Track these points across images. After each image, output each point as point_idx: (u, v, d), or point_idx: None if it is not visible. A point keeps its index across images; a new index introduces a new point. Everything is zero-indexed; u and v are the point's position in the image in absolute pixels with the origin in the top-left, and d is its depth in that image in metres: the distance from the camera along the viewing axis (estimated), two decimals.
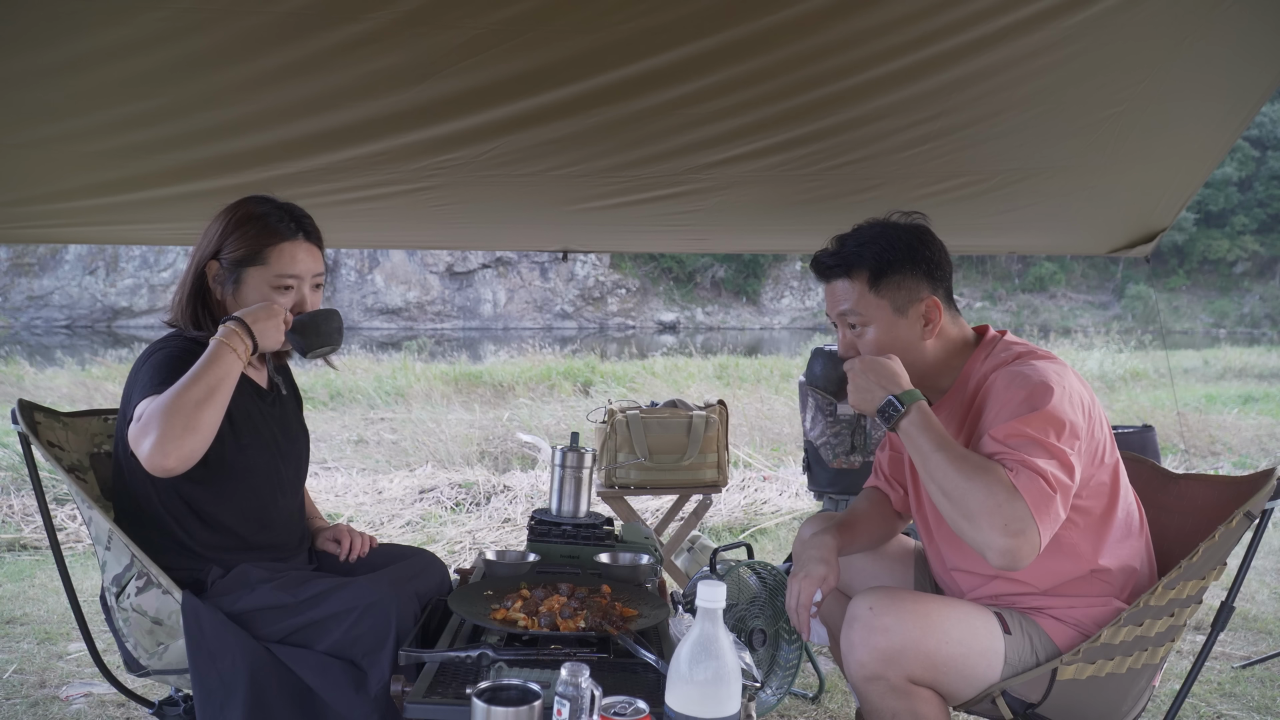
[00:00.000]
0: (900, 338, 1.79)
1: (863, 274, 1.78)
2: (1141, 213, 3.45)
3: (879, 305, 1.78)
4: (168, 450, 1.56)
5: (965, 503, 1.54)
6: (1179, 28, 2.15)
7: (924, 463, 1.62)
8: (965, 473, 1.55)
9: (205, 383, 1.62)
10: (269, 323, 1.74)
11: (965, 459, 1.58)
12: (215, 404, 1.63)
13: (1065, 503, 1.56)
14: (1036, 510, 1.50)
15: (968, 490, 1.53)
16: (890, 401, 1.66)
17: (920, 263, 1.78)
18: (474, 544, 4.69)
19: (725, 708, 1.21)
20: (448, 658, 1.61)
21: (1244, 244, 32.98)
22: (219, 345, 1.67)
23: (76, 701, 2.70)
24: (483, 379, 11.02)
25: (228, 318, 1.72)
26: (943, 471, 1.58)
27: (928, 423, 1.64)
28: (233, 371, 1.67)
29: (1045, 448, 1.56)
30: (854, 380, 1.73)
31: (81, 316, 25.45)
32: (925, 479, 1.63)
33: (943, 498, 1.58)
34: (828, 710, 2.72)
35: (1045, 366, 1.67)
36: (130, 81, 2.06)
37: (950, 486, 1.56)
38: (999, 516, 1.50)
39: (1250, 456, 7.51)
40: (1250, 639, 3.35)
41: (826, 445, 3.58)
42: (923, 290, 1.79)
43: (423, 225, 3.70)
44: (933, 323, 1.79)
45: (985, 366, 1.77)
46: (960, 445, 1.63)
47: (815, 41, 2.05)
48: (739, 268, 31.61)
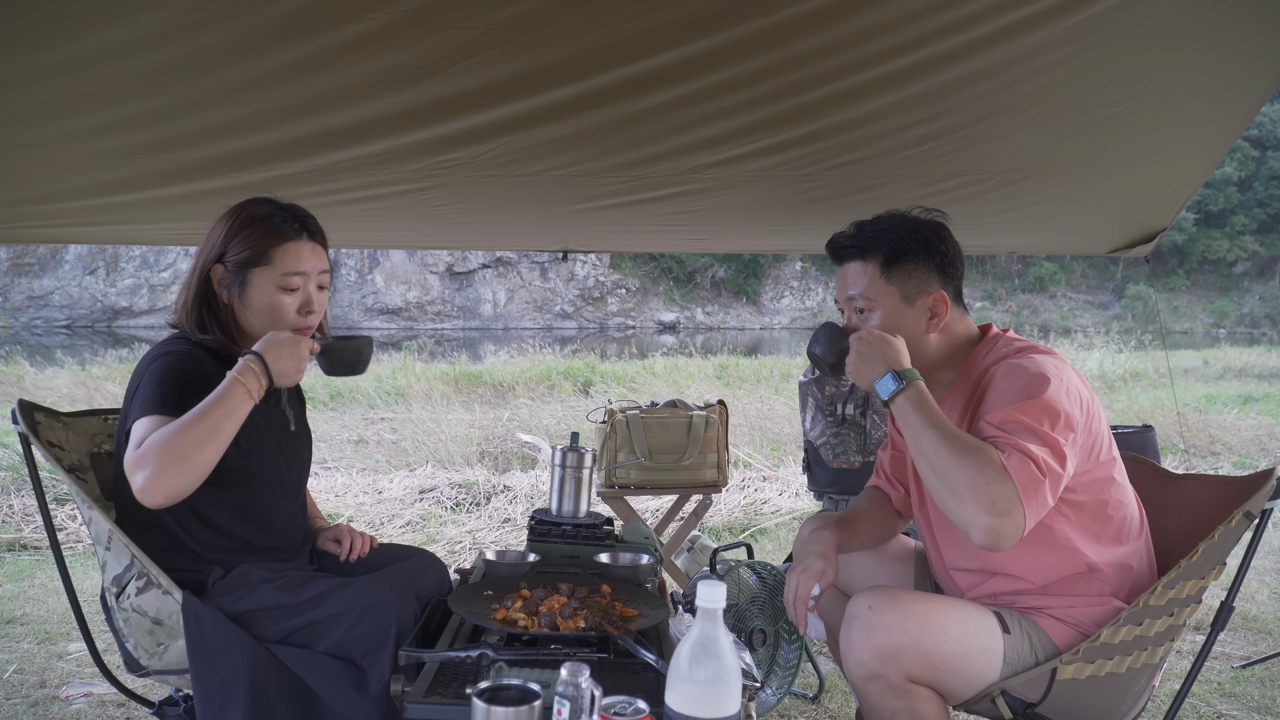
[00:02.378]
0: (904, 327, 1.79)
1: (876, 258, 1.80)
2: (1141, 213, 3.45)
3: (888, 291, 1.80)
4: (158, 489, 1.57)
5: (953, 479, 1.54)
6: (1179, 28, 2.15)
7: (916, 439, 1.62)
8: (956, 451, 1.56)
9: (210, 421, 1.61)
10: (290, 361, 1.71)
11: (957, 438, 1.59)
12: (216, 444, 1.62)
13: (1054, 490, 1.56)
14: (1024, 492, 1.51)
15: (957, 467, 1.54)
16: (890, 375, 1.68)
17: (934, 256, 1.80)
18: (474, 544, 4.69)
19: (725, 708, 1.21)
20: (448, 658, 1.61)
21: (1244, 244, 33.01)
22: (233, 383, 1.65)
23: (76, 701, 2.70)
24: (483, 379, 11.03)
25: (248, 351, 1.70)
26: (934, 448, 1.58)
27: (923, 401, 1.65)
28: (241, 410, 1.65)
29: (1038, 435, 1.57)
30: (857, 350, 1.73)
31: (82, 316, 25.46)
32: (916, 456, 1.63)
33: (932, 474, 1.59)
34: (828, 710, 2.72)
35: (1044, 360, 1.69)
36: (130, 81, 2.06)
37: (940, 463, 1.57)
38: (985, 495, 1.51)
39: (1250, 456, 7.51)
40: (1250, 639, 3.35)
41: (826, 445, 3.58)
42: (933, 283, 1.80)
43: (423, 225, 3.70)
44: (938, 317, 1.80)
45: (987, 360, 1.78)
46: (954, 426, 1.63)
47: (815, 41, 2.05)
48: (739, 268, 31.63)
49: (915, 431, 1.63)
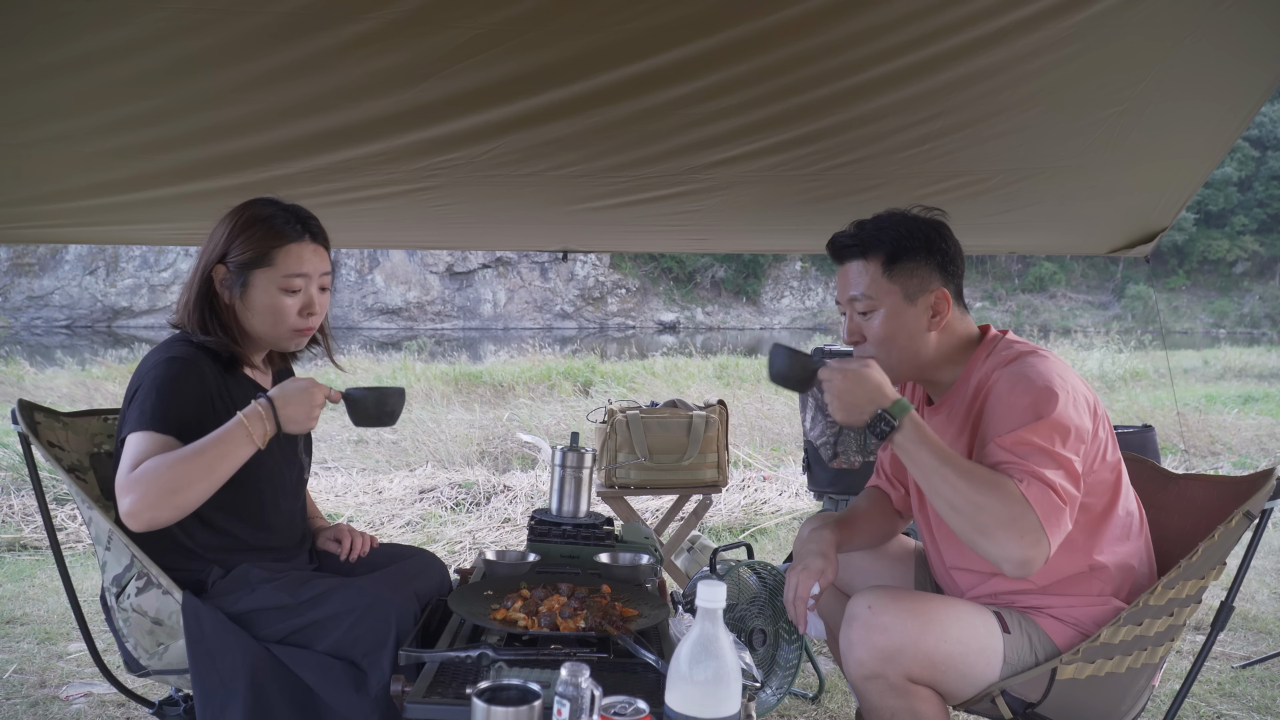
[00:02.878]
0: (906, 325, 1.79)
1: (878, 257, 1.79)
2: (1141, 213, 3.45)
3: (890, 290, 1.79)
4: (141, 517, 1.61)
5: (978, 518, 1.54)
6: (1179, 28, 2.15)
7: (928, 478, 1.60)
8: (976, 486, 1.55)
9: (205, 460, 1.63)
10: (300, 409, 1.71)
11: (972, 472, 1.57)
12: (208, 483, 1.64)
13: (1073, 513, 1.58)
14: (1047, 522, 1.52)
15: (980, 505, 1.54)
16: (881, 415, 1.63)
17: (935, 254, 1.79)
18: (474, 544, 4.69)
19: (725, 708, 1.21)
20: (448, 658, 1.61)
21: (1244, 244, 33.00)
22: (237, 426, 1.66)
23: (76, 701, 2.70)
24: (483, 379, 11.03)
25: (262, 394, 1.71)
26: (950, 486, 1.57)
27: (923, 435, 1.62)
28: (240, 454, 1.67)
29: (1053, 457, 1.57)
30: (835, 393, 1.66)
31: (81, 316, 25.46)
32: (931, 494, 1.61)
33: (952, 512, 1.57)
34: (828, 710, 2.72)
35: (1048, 369, 1.67)
36: (130, 81, 2.06)
37: (960, 501, 1.56)
38: (1015, 529, 1.51)
39: (1250, 456, 7.51)
40: (1250, 639, 3.35)
41: (826, 445, 3.58)
42: (935, 282, 1.79)
43: (423, 225, 3.70)
44: (940, 315, 1.80)
45: (987, 366, 1.77)
46: (961, 456, 1.62)
47: (815, 41, 2.05)
48: (739, 268, 31.63)
49: (925, 471, 1.60)
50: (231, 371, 1.87)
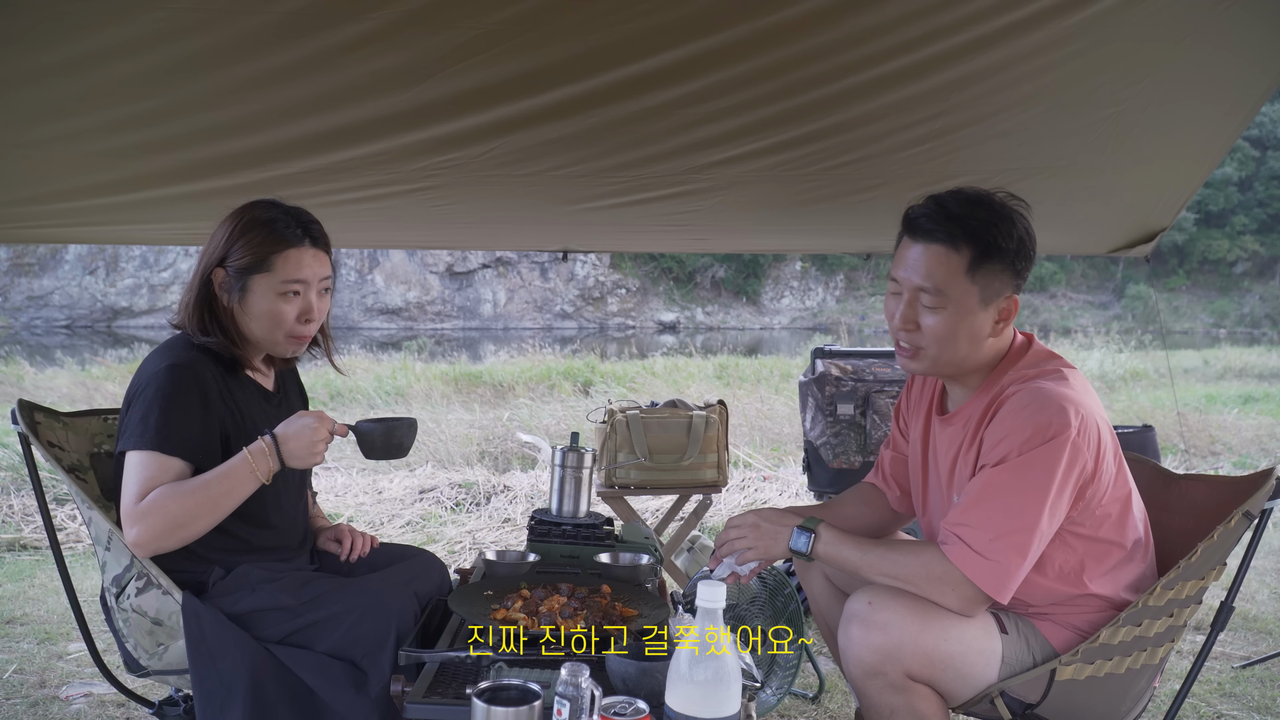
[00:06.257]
0: (971, 328, 1.67)
1: (968, 251, 1.63)
2: (1141, 213, 3.44)
3: (969, 291, 1.65)
4: (148, 546, 1.69)
5: (912, 583, 1.64)
6: (1179, 28, 2.15)
7: (859, 570, 1.70)
8: (898, 562, 1.66)
9: (210, 495, 1.69)
10: (303, 446, 1.74)
11: (892, 549, 1.69)
12: (212, 517, 1.71)
13: (1022, 564, 1.59)
14: (975, 576, 1.59)
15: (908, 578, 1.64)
16: (797, 533, 1.73)
17: (1021, 258, 1.67)
18: (474, 544, 4.69)
19: (725, 708, 1.21)
20: (448, 658, 1.61)
21: (1244, 244, 32.97)
22: (241, 463, 1.71)
23: (76, 701, 2.70)
24: (483, 379, 11.01)
25: (267, 431, 1.74)
26: (878, 571, 1.67)
27: (839, 536, 1.72)
28: (244, 489, 1.72)
29: (1012, 505, 1.58)
30: (749, 540, 1.76)
31: (81, 316, 25.44)
32: (868, 578, 1.70)
33: (892, 582, 1.67)
34: (828, 710, 2.72)
35: (1060, 397, 1.60)
36: (130, 81, 2.06)
37: (891, 576, 1.66)
38: (942, 585, 1.62)
39: (1250, 456, 7.51)
40: (1250, 639, 3.35)
41: (826, 445, 3.58)
42: (1009, 286, 1.68)
43: (423, 225, 3.70)
44: (1005, 321, 1.70)
45: (1007, 378, 1.72)
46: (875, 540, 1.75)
47: (815, 41, 2.05)
48: (739, 268, 31.60)
49: (855, 565, 1.70)
50: (233, 372, 1.87)
